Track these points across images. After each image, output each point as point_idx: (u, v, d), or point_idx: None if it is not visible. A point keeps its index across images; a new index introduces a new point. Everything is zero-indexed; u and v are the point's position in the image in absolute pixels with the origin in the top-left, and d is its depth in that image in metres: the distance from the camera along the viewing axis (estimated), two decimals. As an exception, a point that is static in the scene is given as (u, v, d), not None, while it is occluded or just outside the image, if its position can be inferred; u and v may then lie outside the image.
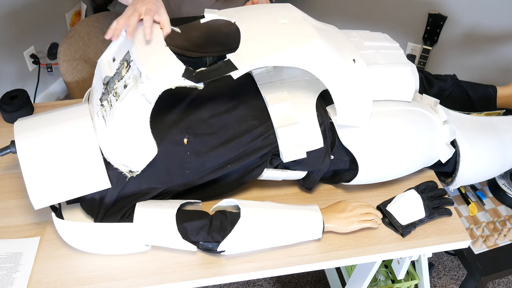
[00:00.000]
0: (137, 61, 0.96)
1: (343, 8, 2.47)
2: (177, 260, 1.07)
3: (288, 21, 1.07)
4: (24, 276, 1.03)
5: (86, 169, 0.99)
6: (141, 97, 0.96)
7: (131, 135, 0.99)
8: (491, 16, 2.11)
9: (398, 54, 1.25)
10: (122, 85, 0.98)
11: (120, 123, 0.98)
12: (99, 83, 1.07)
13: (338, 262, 1.09)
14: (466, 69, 2.33)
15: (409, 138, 1.15)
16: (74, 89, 1.68)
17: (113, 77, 1.03)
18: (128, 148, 1.00)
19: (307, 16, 1.15)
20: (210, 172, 1.07)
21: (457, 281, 1.90)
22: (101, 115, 1.01)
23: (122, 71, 1.01)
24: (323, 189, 1.25)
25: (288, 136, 1.08)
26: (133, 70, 0.98)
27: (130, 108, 0.97)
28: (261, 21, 1.07)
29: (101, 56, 1.07)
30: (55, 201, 0.99)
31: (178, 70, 0.95)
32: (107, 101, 1.01)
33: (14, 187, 1.22)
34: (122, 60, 1.02)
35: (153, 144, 1.00)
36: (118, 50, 1.05)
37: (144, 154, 1.00)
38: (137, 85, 0.96)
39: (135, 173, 1.02)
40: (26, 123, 1.03)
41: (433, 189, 1.22)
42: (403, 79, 1.21)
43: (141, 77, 0.95)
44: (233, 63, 0.97)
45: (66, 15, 2.61)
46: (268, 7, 1.14)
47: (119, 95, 0.98)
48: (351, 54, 1.12)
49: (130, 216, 1.04)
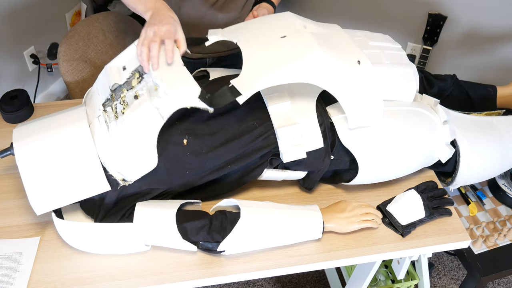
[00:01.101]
0: (155, 75, 0.98)
1: (343, 8, 2.47)
2: (177, 260, 1.07)
3: (287, 34, 1.07)
4: (24, 276, 1.03)
5: (85, 173, 0.99)
6: (155, 110, 0.98)
7: (136, 146, 0.99)
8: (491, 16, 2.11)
9: (401, 55, 1.26)
10: (132, 95, 1.00)
11: (128, 132, 0.99)
12: (104, 88, 1.07)
13: (338, 262, 1.09)
14: (466, 69, 2.33)
15: (409, 138, 1.15)
16: (74, 89, 1.68)
17: (122, 85, 1.04)
18: (128, 158, 1.00)
19: (308, 22, 1.14)
20: (210, 172, 1.07)
21: (457, 281, 1.90)
22: (103, 120, 1.02)
23: (132, 81, 1.03)
24: (323, 189, 1.25)
25: (288, 136, 1.08)
26: (147, 83, 1.00)
27: (142, 119, 0.98)
28: (261, 38, 1.08)
29: (110, 63, 1.09)
30: (56, 206, 1.00)
31: (195, 91, 0.98)
32: (111, 107, 1.02)
33: (14, 187, 1.22)
34: (134, 71, 1.04)
35: (155, 158, 1.01)
36: (130, 60, 1.07)
37: (143, 165, 1.01)
38: (152, 98, 0.98)
39: (128, 182, 1.02)
40: (24, 130, 1.04)
41: (433, 189, 1.22)
42: (405, 80, 1.21)
43: (158, 91, 0.98)
44: (237, 89, 0.99)
45: (66, 15, 2.61)
46: (267, 21, 1.14)
47: (127, 103, 1.00)
48: (355, 56, 1.12)
49: (130, 216, 1.04)
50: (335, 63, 1.05)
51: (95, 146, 1.00)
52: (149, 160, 1.00)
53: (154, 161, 1.01)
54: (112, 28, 1.76)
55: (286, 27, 1.10)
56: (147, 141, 0.99)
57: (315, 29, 1.13)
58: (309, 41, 1.05)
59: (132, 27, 1.83)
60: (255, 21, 1.16)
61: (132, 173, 1.01)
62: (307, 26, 1.12)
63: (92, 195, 1.01)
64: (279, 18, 1.14)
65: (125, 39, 1.80)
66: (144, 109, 0.98)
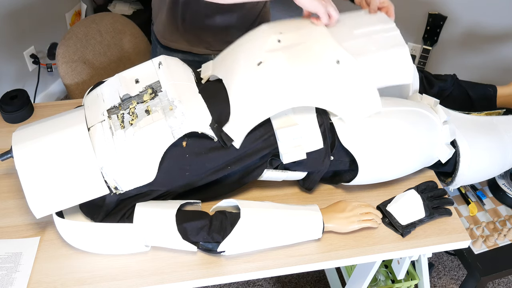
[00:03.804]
0: (173, 95, 1.03)
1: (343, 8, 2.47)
2: (177, 260, 1.07)
3: (263, 59, 1.08)
4: (24, 276, 1.03)
5: (83, 176, 0.99)
6: (168, 129, 1.01)
7: (140, 159, 1.00)
8: (491, 16, 2.11)
9: (392, 36, 1.20)
10: (143, 109, 1.04)
11: (137, 145, 1.00)
12: (112, 95, 1.08)
13: (338, 262, 1.09)
14: (466, 69, 2.33)
15: (409, 138, 1.15)
16: (74, 90, 1.68)
17: (132, 97, 1.06)
18: (129, 169, 1.00)
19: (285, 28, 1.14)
20: (210, 173, 1.07)
21: (457, 281, 1.90)
22: (108, 126, 1.02)
23: (144, 95, 1.06)
24: (323, 189, 1.25)
25: (288, 137, 1.08)
26: (161, 101, 1.03)
27: (155, 135, 1.00)
28: (240, 71, 1.09)
29: (123, 73, 1.11)
30: (55, 210, 1.00)
31: (207, 119, 1.04)
32: (117, 115, 1.04)
33: (14, 187, 1.22)
34: (147, 86, 1.07)
35: (154, 173, 1.01)
36: (145, 74, 1.10)
37: (140, 178, 1.02)
38: (168, 117, 1.01)
39: (119, 191, 1.02)
40: (23, 133, 1.04)
41: (433, 189, 1.22)
42: (398, 62, 1.17)
43: (174, 112, 1.01)
44: (230, 136, 1.05)
45: (66, 15, 2.61)
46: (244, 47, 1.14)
47: (136, 115, 1.03)
48: (333, 56, 1.10)
49: (130, 216, 1.04)
50: (311, 76, 1.07)
51: (93, 150, 1.00)
52: (148, 174, 1.02)
53: (152, 175, 1.02)
54: (109, 29, 1.77)
55: (260, 50, 1.10)
56: (153, 156, 1.01)
57: (290, 38, 1.12)
58: (282, 65, 1.07)
59: (128, 28, 1.83)
60: (234, 48, 1.16)
61: (127, 183, 1.02)
62: (282, 39, 1.11)
63: (91, 198, 1.01)
64: (254, 39, 1.14)
65: (122, 40, 1.80)
66: (158, 126, 1.01)
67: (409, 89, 1.31)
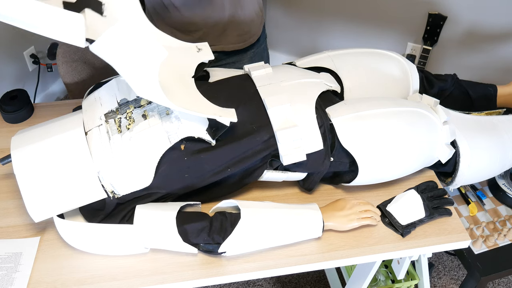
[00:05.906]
0: None
1: (343, 8, 2.47)
2: (177, 260, 1.07)
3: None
4: (24, 276, 1.03)
5: (80, 181, 0.99)
6: (165, 133, 1.01)
7: (137, 164, 1.01)
8: (491, 16, 2.11)
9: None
10: (140, 113, 1.04)
11: (134, 150, 1.00)
12: (110, 99, 1.08)
13: (338, 262, 1.09)
14: (466, 69, 2.33)
15: (409, 139, 1.15)
16: (74, 90, 1.68)
17: (130, 101, 1.07)
18: (126, 173, 1.01)
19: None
20: (210, 175, 1.07)
21: (457, 281, 1.90)
22: (105, 131, 1.03)
23: (141, 100, 1.07)
24: (323, 189, 1.25)
25: (288, 139, 1.08)
26: (158, 106, 1.05)
27: (151, 140, 1.01)
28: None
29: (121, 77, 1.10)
30: (53, 214, 1.00)
31: (204, 123, 1.04)
32: (114, 120, 1.04)
33: (14, 187, 1.22)
34: None
35: (151, 177, 1.02)
36: None
37: (137, 182, 1.02)
38: (164, 122, 1.02)
39: (117, 195, 1.03)
40: (22, 137, 1.04)
41: (433, 189, 1.22)
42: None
43: (170, 116, 1.03)
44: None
45: (66, 15, 2.61)
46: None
47: (133, 120, 1.03)
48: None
49: (130, 218, 1.04)
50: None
51: (90, 154, 1.00)
52: (145, 179, 1.02)
53: (149, 180, 1.02)
54: (109, 28, 1.76)
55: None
56: (149, 161, 1.01)
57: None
58: None
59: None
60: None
61: (124, 187, 1.02)
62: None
63: (88, 202, 1.01)
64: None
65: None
66: (154, 131, 1.02)
67: (409, 89, 1.31)
